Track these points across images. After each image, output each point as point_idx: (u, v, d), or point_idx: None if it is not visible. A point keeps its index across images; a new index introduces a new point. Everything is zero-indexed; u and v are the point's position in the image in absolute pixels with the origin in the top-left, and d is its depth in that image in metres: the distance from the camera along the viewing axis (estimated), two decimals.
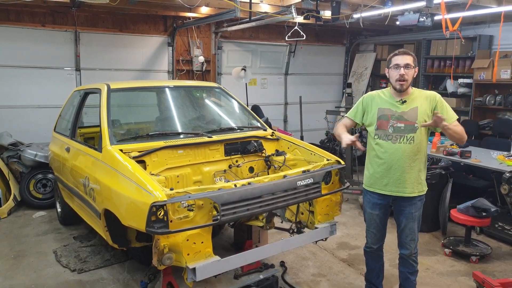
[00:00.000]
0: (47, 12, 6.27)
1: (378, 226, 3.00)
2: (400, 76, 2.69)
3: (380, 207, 2.94)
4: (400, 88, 2.73)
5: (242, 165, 3.64)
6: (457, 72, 7.15)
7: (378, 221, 2.98)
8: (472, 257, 3.98)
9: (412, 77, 2.75)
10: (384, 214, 2.98)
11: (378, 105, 2.86)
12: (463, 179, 5.23)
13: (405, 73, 2.68)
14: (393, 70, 2.74)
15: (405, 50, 2.77)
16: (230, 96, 4.33)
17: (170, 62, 7.35)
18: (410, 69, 2.71)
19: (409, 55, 2.72)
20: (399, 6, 4.96)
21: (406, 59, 2.70)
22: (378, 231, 3.01)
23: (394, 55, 2.76)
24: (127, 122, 4.12)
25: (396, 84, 2.74)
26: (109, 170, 3.03)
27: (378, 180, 2.86)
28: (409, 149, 2.74)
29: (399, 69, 2.69)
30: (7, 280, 3.57)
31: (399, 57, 2.72)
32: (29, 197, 5.37)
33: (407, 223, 2.88)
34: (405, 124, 2.75)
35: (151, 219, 2.41)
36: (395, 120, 2.77)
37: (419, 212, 2.91)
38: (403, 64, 2.69)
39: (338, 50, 9.23)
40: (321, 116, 7.53)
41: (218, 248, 3.08)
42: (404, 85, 2.72)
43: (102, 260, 3.90)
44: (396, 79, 2.72)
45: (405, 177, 2.78)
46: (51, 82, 6.40)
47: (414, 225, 2.89)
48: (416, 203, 2.87)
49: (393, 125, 2.77)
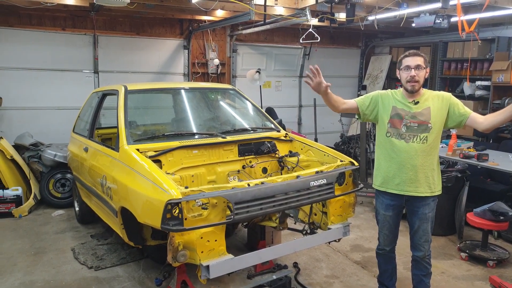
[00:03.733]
0: (67, 16, 6.45)
1: (391, 227, 2.99)
2: (411, 78, 2.70)
3: (394, 208, 2.93)
4: (411, 89, 2.74)
5: (256, 165, 3.67)
6: (475, 75, 7.03)
7: (391, 222, 2.96)
8: (489, 262, 3.91)
9: (424, 78, 2.75)
10: (397, 216, 2.97)
11: (393, 104, 2.86)
12: (480, 182, 5.14)
13: (416, 74, 2.69)
14: (404, 71, 2.75)
15: (415, 51, 2.76)
16: (244, 97, 4.37)
17: (185, 64, 7.46)
18: (421, 70, 2.71)
19: (419, 56, 2.73)
20: (414, 8, 4.92)
21: (417, 60, 2.70)
22: (391, 232, 3.00)
23: (405, 56, 2.77)
24: (143, 123, 4.20)
25: (408, 86, 2.74)
26: (126, 169, 3.10)
27: (390, 180, 2.86)
28: (422, 149, 2.74)
29: (410, 70, 2.71)
30: (28, 275, 3.68)
31: (409, 58, 2.73)
32: (49, 196, 5.52)
33: (420, 224, 2.86)
34: (418, 124, 2.75)
35: (166, 216, 2.46)
36: (409, 119, 2.77)
37: (433, 213, 2.89)
38: (414, 65, 2.70)
39: (353, 52, 9.20)
40: (335, 119, 7.52)
41: (231, 248, 3.10)
42: (416, 86, 2.72)
43: (118, 258, 3.98)
44: (407, 80, 2.73)
45: (418, 176, 2.77)
46: (70, 84, 6.57)
47: (427, 226, 2.87)
48: (430, 204, 2.84)
49: (407, 124, 2.77)
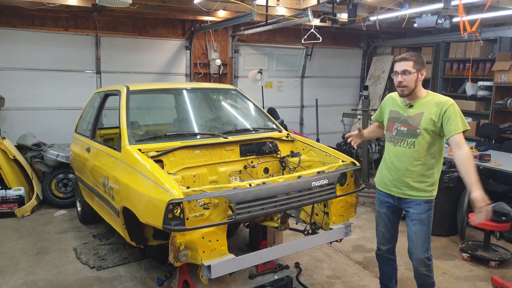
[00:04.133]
0: (70, 17, 6.47)
1: (387, 226, 2.96)
2: (399, 83, 2.69)
3: (388, 206, 2.92)
4: (401, 93, 2.73)
5: (257, 166, 3.67)
6: (477, 75, 7.03)
7: (386, 220, 2.95)
8: (491, 262, 3.90)
9: (416, 82, 2.66)
10: (392, 215, 2.94)
11: (391, 107, 2.88)
12: (482, 183, 5.08)
13: (403, 80, 2.66)
14: (394, 76, 2.76)
15: (403, 56, 2.71)
16: (246, 98, 4.38)
17: (187, 65, 7.47)
18: (409, 75, 2.64)
19: (407, 61, 2.66)
20: (416, 8, 4.92)
21: (403, 65, 2.66)
22: (387, 231, 2.98)
23: (395, 61, 2.76)
24: (145, 123, 4.21)
25: (398, 90, 2.75)
26: (128, 169, 3.11)
27: (384, 179, 2.89)
28: (409, 154, 2.71)
29: (397, 75, 2.70)
30: (30, 275, 3.69)
31: (397, 63, 2.71)
32: (51, 196, 5.53)
33: (412, 225, 2.80)
34: (407, 128, 2.73)
35: (168, 216, 2.47)
36: (400, 123, 2.78)
37: (426, 216, 2.74)
38: (400, 70, 2.67)
39: (355, 53, 9.20)
40: (337, 119, 7.52)
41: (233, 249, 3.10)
42: (405, 90, 2.69)
43: (120, 258, 3.99)
44: (396, 85, 2.73)
45: (406, 180, 2.74)
46: (73, 85, 6.59)
47: (420, 229, 2.75)
48: (421, 205, 2.74)
49: (397, 128, 2.78)
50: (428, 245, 2.79)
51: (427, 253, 2.78)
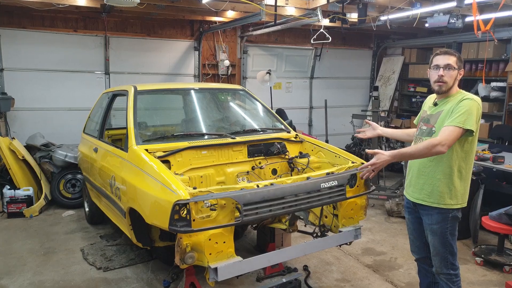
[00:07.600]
0: (79, 18, 6.50)
1: (413, 232, 2.81)
2: (439, 77, 2.48)
3: (409, 211, 2.81)
4: (438, 89, 2.52)
5: (265, 166, 3.63)
6: (490, 76, 6.90)
7: (411, 227, 2.82)
8: (505, 267, 3.80)
9: (454, 79, 2.50)
10: (414, 221, 2.77)
11: (424, 108, 2.76)
12: (495, 186, 5.01)
13: (444, 74, 2.46)
14: (432, 70, 2.56)
15: (447, 50, 2.53)
16: (254, 98, 4.33)
17: (196, 66, 7.46)
18: (451, 71, 2.48)
19: (451, 55, 2.49)
20: (428, 8, 4.84)
21: (447, 59, 2.49)
22: (415, 238, 2.81)
23: (436, 55, 2.57)
24: (153, 124, 4.19)
25: (435, 86, 2.55)
26: (135, 169, 3.09)
27: (406, 181, 2.79)
28: None
29: (439, 69, 2.51)
30: (37, 275, 3.68)
31: (440, 57, 2.53)
32: (59, 197, 5.54)
33: (427, 234, 2.66)
34: (426, 127, 2.61)
35: (174, 217, 2.43)
36: (423, 122, 2.68)
37: (438, 227, 2.54)
38: (443, 64, 2.49)
39: (365, 53, 9.11)
40: (347, 121, 7.44)
41: (241, 251, 3.07)
42: (443, 86, 2.49)
43: (127, 259, 3.97)
44: (434, 80, 2.54)
45: (420, 182, 2.60)
46: (82, 85, 6.62)
47: (433, 239, 2.57)
48: (433, 215, 2.55)
49: (421, 127, 2.69)
50: (447, 262, 2.56)
51: (447, 268, 2.56)
